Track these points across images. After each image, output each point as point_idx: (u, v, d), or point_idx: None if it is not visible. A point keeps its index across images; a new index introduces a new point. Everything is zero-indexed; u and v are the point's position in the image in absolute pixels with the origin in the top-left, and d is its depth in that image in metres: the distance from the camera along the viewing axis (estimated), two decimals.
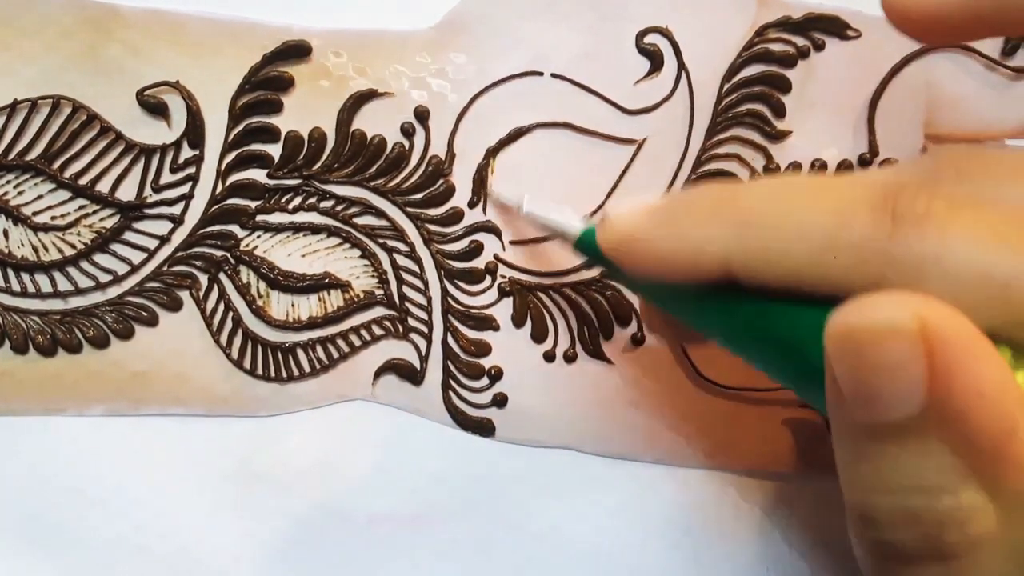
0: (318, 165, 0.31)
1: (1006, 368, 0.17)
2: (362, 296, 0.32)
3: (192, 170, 0.31)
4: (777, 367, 0.21)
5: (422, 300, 0.32)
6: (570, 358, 0.32)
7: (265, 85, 0.31)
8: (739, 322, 0.22)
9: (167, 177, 0.31)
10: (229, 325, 0.32)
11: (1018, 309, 0.17)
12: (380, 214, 0.32)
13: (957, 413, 0.17)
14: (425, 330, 0.32)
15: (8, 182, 0.31)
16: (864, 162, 0.32)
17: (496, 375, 0.32)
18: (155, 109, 0.31)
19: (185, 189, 0.31)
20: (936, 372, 0.17)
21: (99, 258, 0.31)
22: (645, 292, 0.25)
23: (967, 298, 0.17)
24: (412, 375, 0.32)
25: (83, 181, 0.31)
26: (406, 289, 0.32)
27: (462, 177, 0.32)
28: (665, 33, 0.32)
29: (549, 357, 0.32)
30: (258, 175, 0.31)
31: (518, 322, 0.32)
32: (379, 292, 0.32)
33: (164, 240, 0.31)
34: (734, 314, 0.22)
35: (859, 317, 0.17)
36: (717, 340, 0.23)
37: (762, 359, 0.22)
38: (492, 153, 0.32)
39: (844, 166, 0.32)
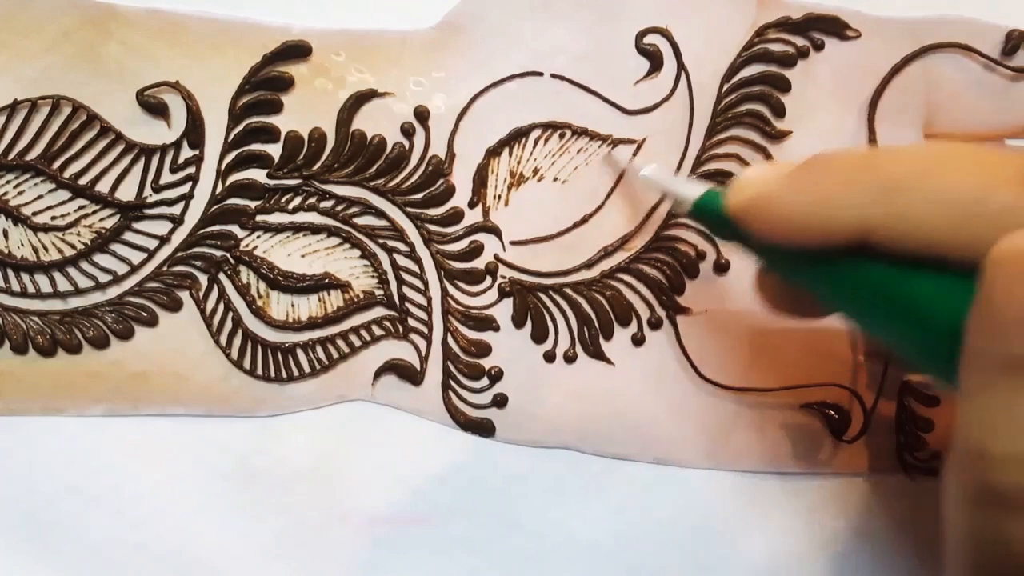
0: (318, 165, 0.31)
1: None
2: (362, 296, 0.32)
3: (192, 170, 0.31)
4: (904, 334, 0.21)
5: (422, 300, 0.32)
6: (570, 358, 0.32)
7: (265, 85, 0.31)
8: (870, 288, 0.21)
9: (167, 177, 0.31)
10: (229, 325, 0.32)
11: None
12: (380, 214, 0.32)
13: None
14: (425, 330, 0.32)
15: (8, 182, 0.31)
16: None
17: (496, 375, 0.32)
18: (155, 109, 0.31)
19: (185, 189, 0.31)
20: None
21: (99, 258, 0.31)
22: (769, 259, 0.25)
23: None
24: (412, 375, 0.32)
25: (83, 181, 0.31)
26: (406, 289, 0.32)
27: (462, 177, 0.32)
28: (665, 33, 0.32)
29: (549, 357, 0.32)
30: (258, 175, 0.31)
31: (518, 322, 0.32)
32: (379, 292, 0.32)
33: (164, 240, 0.31)
34: (865, 280, 0.21)
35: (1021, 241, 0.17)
36: (841, 308, 0.23)
37: (889, 327, 0.21)
38: (492, 153, 0.32)
39: None
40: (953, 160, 0.20)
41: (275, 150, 0.31)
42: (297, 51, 0.31)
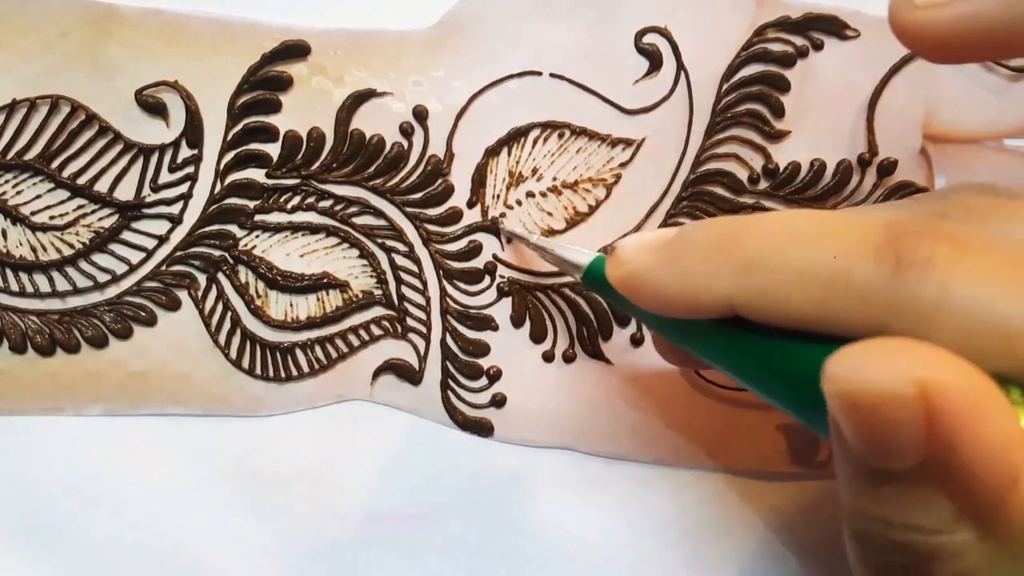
0: (317, 165, 0.31)
1: (1012, 418, 0.17)
2: (361, 296, 0.32)
3: (191, 170, 0.31)
4: (781, 399, 0.22)
5: (421, 300, 0.32)
6: (569, 358, 0.32)
7: (264, 85, 0.31)
8: (744, 355, 0.22)
9: (166, 177, 0.31)
10: (228, 325, 0.32)
11: None
12: (379, 214, 0.32)
13: (957, 467, 0.17)
14: (424, 330, 0.32)
15: (7, 181, 0.31)
16: (863, 162, 0.32)
17: (495, 375, 0.32)
18: (154, 108, 0.31)
19: (184, 189, 0.31)
20: (936, 432, 0.17)
21: (97, 258, 0.31)
22: (654, 323, 0.26)
23: (973, 344, 0.17)
24: (411, 375, 0.32)
25: (81, 181, 0.31)
26: (405, 289, 0.32)
27: (461, 177, 0.32)
28: (664, 33, 0.32)
29: (548, 357, 0.32)
30: (257, 175, 0.31)
31: (517, 322, 0.32)
32: (378, 292, 0.32)
33: (163, 240, 0.31)
34: (739, 347, 0.22)
35: (857, 376, 0.17)
36: (721, 368, 0.23)
37: (766, 390, 0.22)
38: (491, 153, 0.32)
39: (843, 166, 0.32)
40: (809, 234, 0.20)
41: (274, 150, 0.31)
42: (296, 51, 0.31)
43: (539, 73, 0.32)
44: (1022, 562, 0.18)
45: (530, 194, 0.32)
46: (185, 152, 0.31)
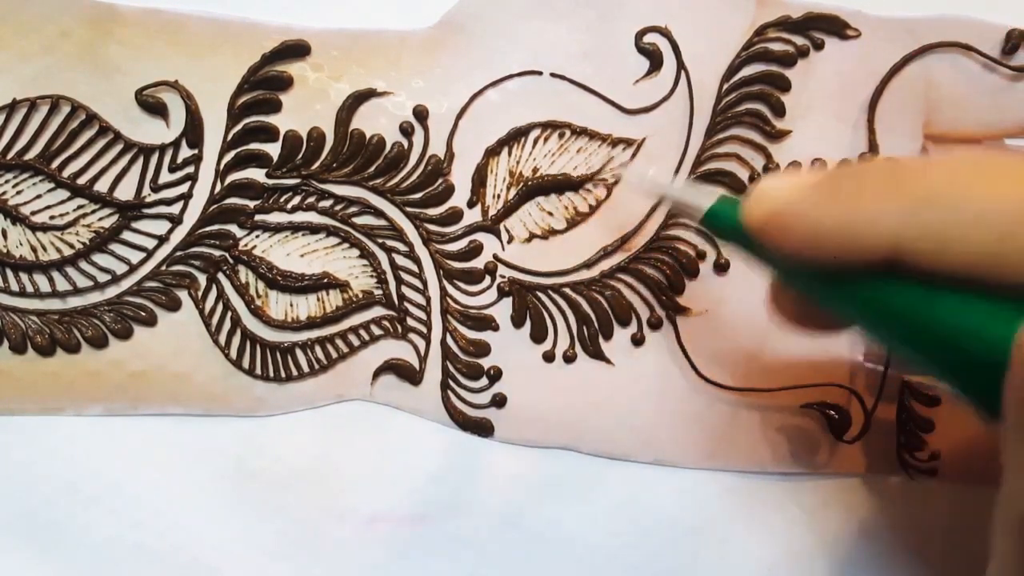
0: (317, 164, 0.31)
1: None
2: (361, 296, 0.32)
3: (191, 169, 0.31)
4: (935, 361, 0.20)
5: (421, 300, 0.32)
6: (570, 358, 0.32)
7: (264, 84, 0.31)
8: (899, 311, 0.20)
9: (166, 176, 0.31)
10: (228, 325, 0.32)
11: None
12: (379, 214, 0.32)
13: None
14: (424, 330, 0.32)
15: (7, 181, 0.31)
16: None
17: (495, 375, 0.32)
18: (154, 108, 0.31)
19: (184, 188, 0.31)
20: None
21: (97, 258, 0.31)
22: (788, 274, 0.23)
23: None
24: (411, 375, 0.32)
25: (82, 181, 0.31)
26: (405, 289, 0.32)
27: (461, 176, 0.32)
28: (664, 32, 0.32)
29: (549, 357, 0.32)
30: (257, 175, 0.31)
31: (517, 322, 0.32)
32: (378, 292, 0.32)
33: (163, 240, 0.31)
34: (894, 302, 0.20)
35: None
36: (866, 329, 0.22)
37: (919, 352, 0.20)
38: (492, 153, 0.32)
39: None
40: (995, 174, 0.19)
41: (274, 149, 0.31)
42: (296, 50, 0.31)
43: (539, 73, 0.32)
44: None
45: (531, 194, 0.32)
46: (185, 152, 0.31)
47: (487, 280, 0.32)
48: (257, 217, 0.32)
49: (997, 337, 0.18)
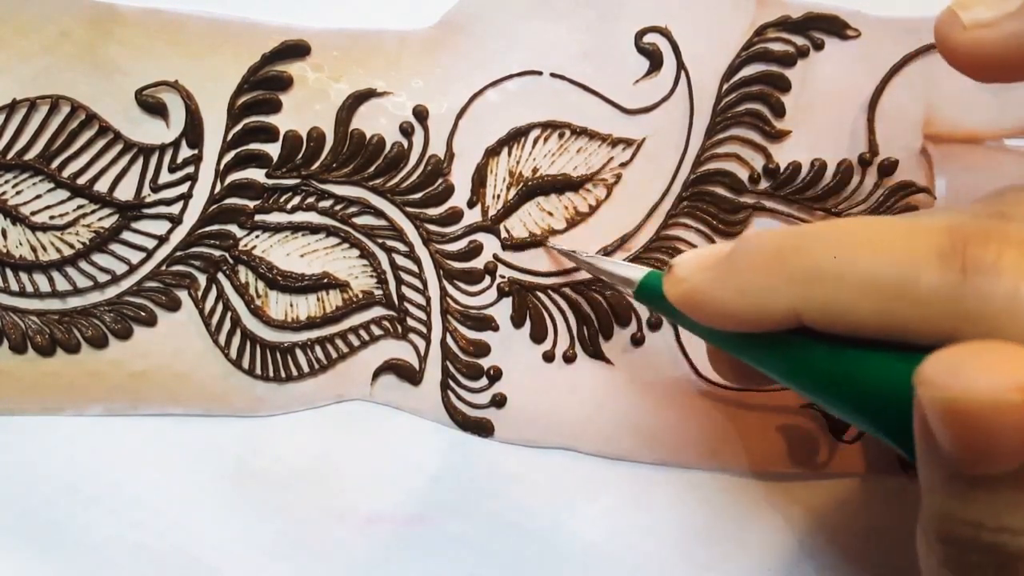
0: (317, 164, 0.31)
1: None
2: (361, 296, 0.32)
3: (191, 169, 0.31)
4: (850, 410, 0.21)
5: (421, 300, 0.32)
6: (570, 358, 0.32)
7: (264, 84, 0.31)
8: (810, 367, 0.22)
9: (166, 177, 0.31)
10: (228, 325, 0.32)
11: None
12: (379, 214, 0.32)
13: None
14: (424, 330, 0.32)
15: (7, 181, 0.31)
16: (864, 162, 0.32)
17: (495, 375, 0.32)
18: (154, 108, 0.31)
19: (184, 189, 0.31)
20: None
21: (97, 258, 0.31)
22: (713, 338, 0.26)
23: None
24: (411, 375, 0.32)
25: (81, 181, 0.31)
26: (405, 289, 0.32)
27: (461, 176, 0.32)
28: (664, 32, 0.32)
29: (548, 357, 0.32)
30: (257, 175, 0.31)
31: (517, 322, 0.32)
32: (378, 292, 0.32)
33: (163, 240, 0.31)
34: (804, 358, 0.22)
35: (957, 383, 0.17)
36: (788, 384, 0.23)
37: (834, 402, 0.22)
38: (492, 153, 0.32)
39: (844, 166, 0.32)
40: (875, 242, 0.20)
41: (274, 149, 0.31)
42: (296, 50, 0.31)
43: (539, 73, 0.32)
44: None
45: (531, 194, 0.32)
46: (185, 152, 0.31)
47: (487, 280, 0.32)
48: (257, 217, 0.32)
49: (894, 384, 0.19)
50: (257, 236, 0.32)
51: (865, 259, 0.20)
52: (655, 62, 0.32)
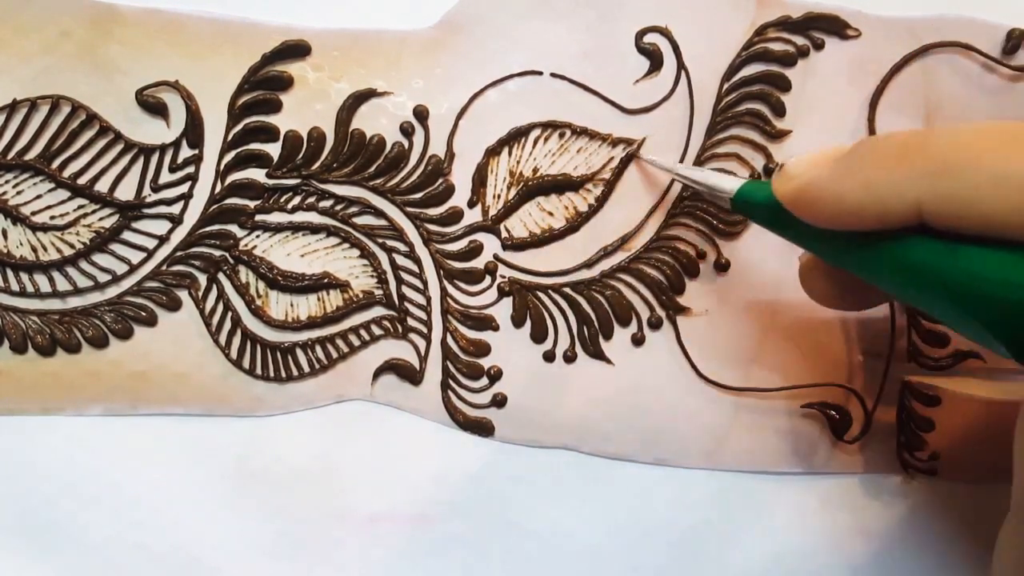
0: (317, 164, 0.31)
1: None
2: (361, 296, 0.32)
3: (191, 169, 0.31)
4: (964, 315, 0.21)
5: (421, 300, 0.32)
6: (570, 358, 0.32)
7: (264, 84, 0.31)
8: (926, 269, 0.21)
9: (166, 177, 0.31)
10: (228, 325, 0.32)
11: None
12: (379, 214, 0.32)
13: None
14: (424, 330, 0.32)
15: (7, 181, 0.31)
16: None
17: (495, 375, 0.32)
18: (154, 108, 0.31)
19: (184, 189, 0.31)
20: None
21: (98, 258, 0.31)
22: (818, 246, 0.25)
23: None
24: (411, 375, 0.32)
25: (82, 181, 0.31)
26: (405, 289, 0.32)
27: (461, 176, 0.32)
28: (664, 32, 0.32)
29: (549, 357, 0.32)
30: (257, 175, 0.31)
31: (518, 322, 0.32)
32: (378, 292, 0.32)
33: (163, 240, 0.31)
34: (921, 261, 0.21)
35: None
36: (897, 291, 0.23)
37: (948, 308, 0.21)
38: (492, 153, 0.32)
39: None
40: (1001, 139, 0.20)
41: (274, 149, 0.31)
42: (296, 50, 0.31)
43: (539, 73, 0.32)
44: None
45: (531, 194, 0.32)
46: (186, 152, 0.31)
47: (487, 280, 0.32)
48: (257, 217, 0.32)
49: (1018, 287, 0.19)
50: (257, 236, 0.32)
51: (994, 153, 0.19)
52: (655, 62, 0.32)
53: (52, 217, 0.31)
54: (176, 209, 0.31)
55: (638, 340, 0.32)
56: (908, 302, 0.22)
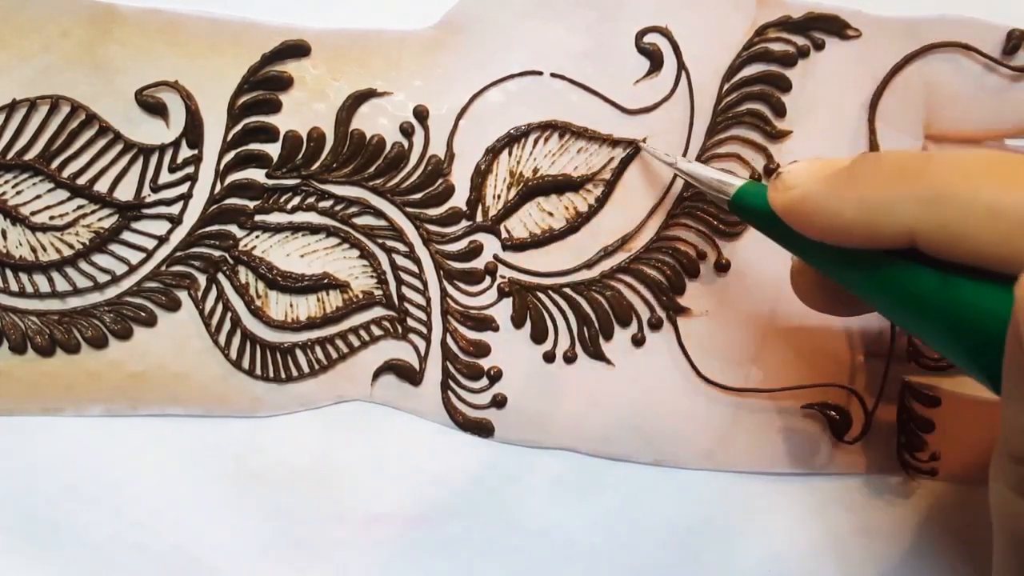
0: (317, 165, 0.31)
1: None
2: (361, 296, 0.32)
3: (191, 170, 0.31)
4: (947, 339, 0.21)
5: (421, 300, 0.32)
6: (570, 358, 0.32)
7: (264, 84, 0.31)
8: (913, 290, 0.21)
9: (166, 177, 0.31)
10: (228, 325, 0.32)
11: None
12: (379, 214, 0.32)
13: None
14: (424, 330, 0.32)
15: (7, 182, 0.31)
16: None
17: (495, 376, 0.32)
18: (154, 108, 0.31)
19: (184, 189, 0.31)
20: None
21: (97, 258, 0.31)
22: (809, 255, 0.25)
23: None
24: (411, 375, 0.32)
25: (81, 181, 0.31)
26: (405, 289, 0.32)
27: (461, 177, 0.32)
28: (665, 33, 0.32)
29: (549, 358, 0.32)
30: (257, 175, 0.31)
31: (518, 322, 0.32)
32: (378, 292, 0.32)
33: (162, 240, 0.31)
34: (910, 283, 0.21)
35: None
36: (883, 309, 0.23)
37: (931, 331, 0.21)
38: (492, 153, 0.32)
39: None
40: (1002, 172, 0.20)
41: (274, 150, 0.31)
42: (296, 50, 0.31)
43: (539, 73, 0.32)
44: None
45: (532, 194, 0.32)
46: (185, 152, 0.31)
47: (487, 280, 0.32)
48: (257, 217, 0.32)
49: (1001, 317, 0.19)
50: (257, 236, 0.32)
51: (993, 185, 0.19)
52: (655, 62, 0.32)
53: (51, 217, 0.31)
54: (175, 209, 0.31)
55: (638, 341, 0.32)
56: (892, 319, 0.22)
